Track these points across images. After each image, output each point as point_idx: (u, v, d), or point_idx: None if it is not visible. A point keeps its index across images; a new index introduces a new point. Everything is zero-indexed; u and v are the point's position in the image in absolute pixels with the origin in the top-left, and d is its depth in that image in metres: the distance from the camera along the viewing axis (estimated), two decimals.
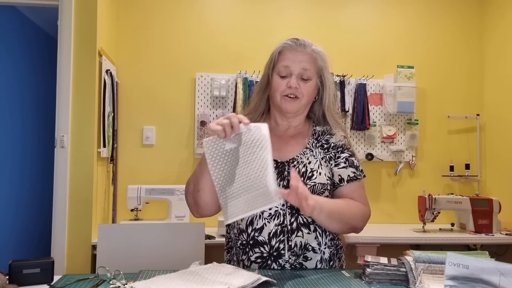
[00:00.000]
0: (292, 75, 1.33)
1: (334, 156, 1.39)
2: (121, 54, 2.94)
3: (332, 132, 1.42)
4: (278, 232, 1.28)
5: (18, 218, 3.22)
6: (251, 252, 1.30)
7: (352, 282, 1.13)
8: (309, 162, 1.35)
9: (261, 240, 1.29)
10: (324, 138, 1.42)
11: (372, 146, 3.07)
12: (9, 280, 1.07)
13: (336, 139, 1.41)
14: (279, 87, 1.34)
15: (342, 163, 1.38)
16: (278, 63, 1.35)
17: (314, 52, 1.36)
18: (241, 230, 1.32)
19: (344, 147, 1.41)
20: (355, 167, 1.38)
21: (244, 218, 1.30)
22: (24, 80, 3.32)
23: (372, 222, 2.96)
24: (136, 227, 1.68)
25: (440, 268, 1.08)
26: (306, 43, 1.36)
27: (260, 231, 1.29)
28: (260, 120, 1.42)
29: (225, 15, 3.06)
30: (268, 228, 1.29)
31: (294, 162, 1.34)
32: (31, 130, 3.41)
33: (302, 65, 1.33)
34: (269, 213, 1.29)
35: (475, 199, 2.71)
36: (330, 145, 1.40)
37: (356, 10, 3.17)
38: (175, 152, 2.97)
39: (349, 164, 1.38)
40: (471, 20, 3.24)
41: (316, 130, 1.43)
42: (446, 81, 3.19)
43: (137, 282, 1.06)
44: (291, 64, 1.33)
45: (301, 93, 1.33)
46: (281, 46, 1.36)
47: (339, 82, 2.99)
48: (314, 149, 1.39)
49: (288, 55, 1.34)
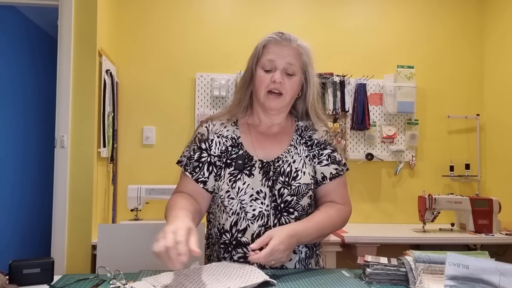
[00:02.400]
0: (276, 69, 1.30)
1: (318, 154, 1.38)
2: (121, 54, 2.94)
3: (315, 128, 1.41)
4: (262, 233, 1.26)
5: (18, 218, 3.22)
6: (234, 252, 1.30)
7: (352, 282, 1.13)
8: (293, 161, 1.34)
9: (244, 241, 1.28)
10: (307, 134, 1.40)
11: (372, 146, 3.07)
12: (9, 280, 1.07)
13: (318, 135, 1.40)
14: (263, 81, 1.31)
15: (324, 161, 1.37)
16: (263, 57, 1.31)
17: (299, 47, 1.33)
18: (224, 230, 1.31)
19: (327, 143, 1.40)
20: (337, 162, 1.38)
21: (228, 219, 1.30)
22: (24, 80, 3.32)
23: (372, 222, 3.02)
24: (136, 227, 1.68)
25: (440, 268, 1.08)
26: (291, 38, 1.33)
27: (243, 232, 1.29)
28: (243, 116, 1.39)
29: (225, 15, 3.06)
30: (252, 229, 1.28)
31: (279, 161, 1.33)
32: (31, 130, 3.41)
33: (287, 59, 1.30)
34: (252, 214, 1.28)
35: (475, 199, 2.71)
36: (313, 141, 1.39)
37: (356, 11, 3.17)
38: (175, 152, 2.92)
39: (331, 161, 1.37)
40: (471, 20, 3.24)
41: (299, 126, 1.42)
42: (446, 81, 3.19)
43: (138, 282, 1.06)
44: (276, 58, 1.30)
45: (285, 89, 1.30)
46: (266, 39, 1.33)
47: (339, 82, 2.99)
48: (298, 146, 1.38)
49: (273, 49, 1.31)
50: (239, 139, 1.35)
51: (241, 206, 1.29)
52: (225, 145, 1.34)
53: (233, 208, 1.30)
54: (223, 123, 1.38)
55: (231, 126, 1.38)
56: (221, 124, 1.38)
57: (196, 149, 1.35)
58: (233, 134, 1.36)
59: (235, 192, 1.29)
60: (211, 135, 1.36)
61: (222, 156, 1.33)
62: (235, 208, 1.29)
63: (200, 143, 1.36)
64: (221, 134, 1.36)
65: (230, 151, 1.34)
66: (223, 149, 1.34)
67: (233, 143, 1.35)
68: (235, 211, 1.29)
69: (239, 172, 1.30)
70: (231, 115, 1.38)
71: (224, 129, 1.37)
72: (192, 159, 1.35)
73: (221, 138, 1.35)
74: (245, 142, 1.35)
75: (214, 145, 1.34)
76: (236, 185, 1.29)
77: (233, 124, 1.38)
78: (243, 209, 1.29)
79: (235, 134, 1.36)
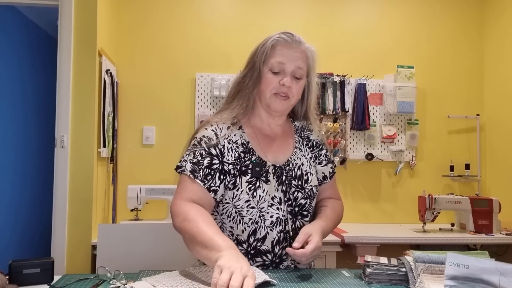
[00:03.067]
0: (285, 72, 1.27)
1: (318, 155, 1.42)
2: (121, 54, 2.94)
3: (310, 128, 1.44)
4: (281, 239, 1.27)
5: (18, 218, 3.22)
6: (251, 261, 1.27)
7: (352, 282, 1.13)
8: (302, 164, 1.35)
9: (264, 250, 1.27)
10: (305, 135, 1.43)
11: (372, 146, 3.07)
12: (9, 280, 1.07)
13: (314, 135, 1.44)
14: (270, 83, 1.27)
15: (324, 161, 1.42)
16: (271, 58, 1.27)
17: (307, 50, 1.31)
18: (238, 241, 1.27)
19: (321, 143, 1.44)
20: (331, 162, 1.44)
21: (247, 229, 1.25)
22: (24, 80, 3.32)
23: (372, 222, 3.02)
24: (136, 227, 1.68)
25: (440, 268, 1.08)
26: (301, 40, 1.31)
27: (263, 241, 1.27)
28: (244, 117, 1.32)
29: (225, 15, 3.06)
30: (271, 236, 1.27)
31: (290, 165, 1.32)
32: (31, 130, 3.41)
33: (297, 63, 1.28)
34: (271, 221, 1.26)
35: (475, 199, 2.71)
36: (312, 142, 1.43)
37: (356, 11, 3.17)
38: (175, 152, 2.92)
39: (328, 161, 1.43)
40: (471, 20, 3.24)
41: (296, 126, 1.43)
42: (446, 81, 3.19)
43: (138, 282, 1.06)
44: (286, 61, 1.27)
45: (291, 92, 1.28)
46: (275, 39, 1.29)
47: (339, 82, 2.99)
48: (302, 148, 1.39)
49: (283, 51, 1.27)
50: (249, 144, 1.30)
51: (260, 214, 1.25)
52: (237, 152, 1.27)
53: (253, 218, 1.25)
54: (229, 127, 1.30)
55: (237, 130, 1.31)
56: (227, 128, 1.30)
57: (204, 154, 1.24)
58: (241, 139, 1.30)
59: (255, 201, 1.25)
60: (221, 141, 1.27)
61: (236, 164, 1.26)
62: (255, 217, 1.25)
63: (209, 148, 1.25)
64: (231, 140, 1.29)
65: (243, 158, 1.27)
66: (236, 156, 1.27)
67: (244, 149, 1.29)
68: (254, 220, 1.25)
69: (256, 180, 1.26)
70: (236, 117, 1.31)
71: (232, 134, 1.30)
72: (201, 165, 1.23)
73: (232, 144, 1.28)
74: (255, 147, 1.30)
75: (227, 152, 1.26)
76: (257, 194, 1.24)
77: (238, 128, 1.32)
78: (262, 217, 1.26)
79: (244, 138, 1.30)
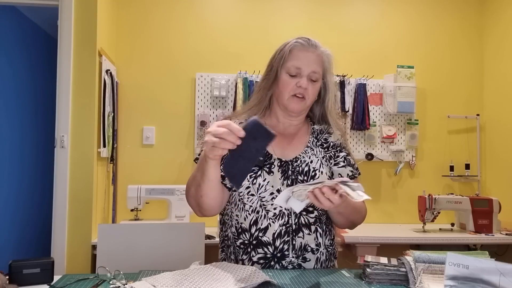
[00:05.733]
0: (302, 75, 1.33)
1: (334, 155, 1.41)
2: (121, 54, 2.94)
3: (330, 131, 1.44)
4: (283, 232, 1.28)
5: (18, 218, 3.22)
6: (253, 252, 1.29)
7: (352, 282, 1.13)
8: (311, 161, 1.36)
9: (265, 241, 1.28)
10: (323, 137, 1.43)
11: (372, 146, 3.07)
12: (9, 280, 1.07)
13: (334, 138, 1.43)
14: (288, 85, 1.34)
15: (341, 162, 1.40)
16: (289, 62, 1.34)
17: (323, 54, 1.38)
18: (242, 230, 1.31)
19: (342, 146, 1.43)
20: (352, 165, 1.41)
21: (248, 217, 1.30)
22: (24, 80, 3.32)
23: (372, 222, 3.02)
24: (136, 227, 1.68)
25: (440, 268, 1.08)
26: (317, 44, 1.38)
27: (264, 231, 1.28)
28: (261, 116, 1.40)
29: (225, 15, 3.06)
30: (273, 228, 1.28)
31: (298, 161, 1.35)
32: (31, 130, 3.41)
33: (313, 67, 1.34)
34: (273, 213, 1.29)
35: (475, 199, 2.71)
36: (329, 144, 1.42)
37: (356, 10, 3.17)
38: (175, 152, 2.97)
39: (347, 163, 1.41)
40: (471, 20, 3.24)
41: (314, 129, 1.45)
42: (446, 81, 3.19)
43: (138, 282, 1.06)
44: (302, 65, 1.33)
45: (307, 94, 1.34)
46: (292, 44, 1.36)
47: (339, 82, 2.99)
48: (314, 148, 1.40)
49: (300, 55, 1.34)
50: None
51: (261, 204, 1.29)
52: None
53: (253, 206, 1.30)
54: (242, 122, 1.33)
55: None
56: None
57: None
58: None
59: (255, 188, 1.29)
60: None
61: None
62: (255, 205, 1.29)
63: None
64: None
65: None
66: None
67: None
68: (255, 208, 1.29)
69: (259, 169, 1.31)
70: (250, 114, 1.38)
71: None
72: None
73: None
74: None
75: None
76: (257, 181, 1.29)
77: None
78: (263, 207, 1.29)
79: None
